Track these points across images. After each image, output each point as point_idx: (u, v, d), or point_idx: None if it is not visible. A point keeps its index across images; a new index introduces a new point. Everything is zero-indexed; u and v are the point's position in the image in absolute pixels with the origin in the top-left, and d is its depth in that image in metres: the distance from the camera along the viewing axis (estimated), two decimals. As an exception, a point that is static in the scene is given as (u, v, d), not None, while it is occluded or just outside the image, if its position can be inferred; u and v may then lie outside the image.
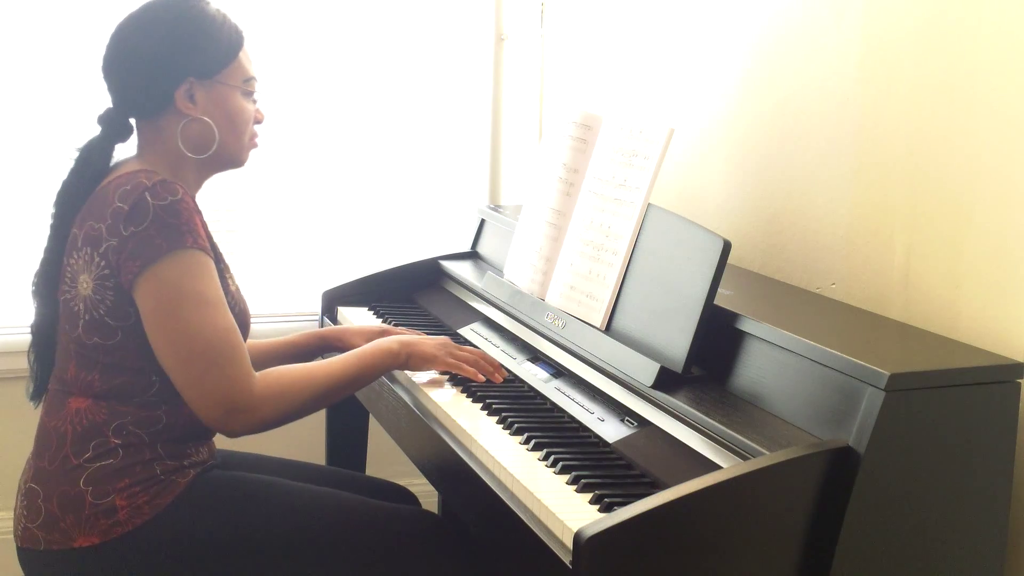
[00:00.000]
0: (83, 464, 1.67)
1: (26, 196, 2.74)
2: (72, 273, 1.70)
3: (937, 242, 1.82)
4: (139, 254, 1.63)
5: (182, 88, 1.76)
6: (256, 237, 2.97)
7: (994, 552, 1.56)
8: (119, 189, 1.66)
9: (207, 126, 1.78)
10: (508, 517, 1.53)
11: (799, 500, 1.42)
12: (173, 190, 1.65)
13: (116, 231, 1.64)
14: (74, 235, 1.71)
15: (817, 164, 2.08)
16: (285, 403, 1.70)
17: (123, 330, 1.68)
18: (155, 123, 1.78)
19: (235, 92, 1.80)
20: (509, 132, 3.13)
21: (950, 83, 1.79)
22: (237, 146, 1.83)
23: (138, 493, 1.66)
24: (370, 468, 2.55)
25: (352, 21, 2.98)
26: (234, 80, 1.80)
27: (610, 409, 1.77)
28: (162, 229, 1.62)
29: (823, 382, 1.53)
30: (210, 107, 1.78)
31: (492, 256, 2.52)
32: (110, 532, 1.65)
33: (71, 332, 1.71)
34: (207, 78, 1.77)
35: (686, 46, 2.44)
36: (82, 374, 1.70)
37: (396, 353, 1.87)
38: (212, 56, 1.77)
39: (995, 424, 1.53)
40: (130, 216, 1.63)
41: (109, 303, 1.67)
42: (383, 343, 1.87)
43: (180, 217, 1.64)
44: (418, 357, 1.89)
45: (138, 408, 1.69)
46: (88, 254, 1.67)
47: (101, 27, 2.66)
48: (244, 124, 1.82)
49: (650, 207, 1.88)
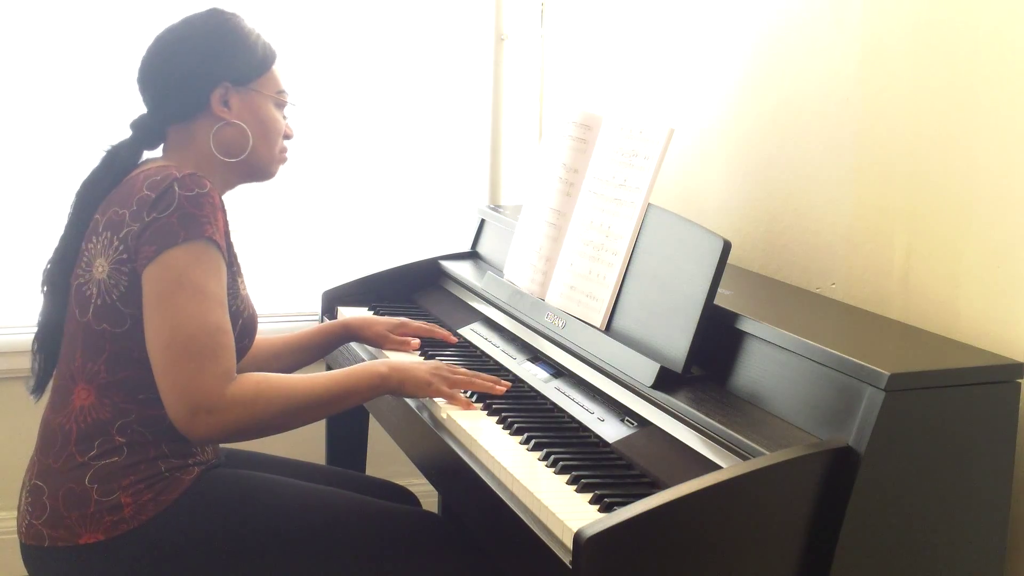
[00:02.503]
0: (88, 462, 1.67)
1: (30, 199, 2.75)
2: (89, 257, 1.71)
3: (937, 242, 1.82)
4: (156, 239, 1.63)
5: (218, 92, 1.79)
6: (256, 237, 2.97)
7: (994, 552, 1.56)
8: (148, 179, 1.68)
9: (241, 130, 1.81)
10: (508, 517, 1.53)
11: (799, 500, 1.42)
12: (202, 184, 1.66)
13: (139, 217, 1.65)
14: (96, 221, 1.72)
15: (817, 164, 2.08)
16: (256, 410, 1.63)
17: (132, 318, 1.67)
18: (187, 127, 1.80)
19: (268, 101, 1.84)
20: (509, 132, 3.13)
21: (950, 83, 1.79)
22: (268, 156, 1.86)
23: (143, 490, 1.67)
24: (370, 468, 2.55)
25: (352, 21, 2.98)
26: (268, 90, 1.85)
27: (610, 409, 1.77)
28: (183, 218, 1.63)
29: (823, 382, 1.53)
30: (244, 113, 1.81)
31: (492, 256, 2.52)
32: (115, 529, 1.65)
33: (80, 318, 1.71)
34: (242, 85, 1.81)
35: (686, 46, 2.44)
36: (88, 363, 1.70)
37: (386, 376, 1.78)
38: (248, 64, 1.82)
39: (995, 424, 1.53)
40: (155, 203, 1.64)
41: (123, 288, 1.67)
42: (372, 365, 1.79)
43: (203, 209, 1.65)
44: (411, 383, 1.81)
45: (143, 406, 1.69)
46: (108, 238, 1.68)
47: (115, 33, 2.68)
48: (276, 134, 1.86)
49: (650, 207, 1.88)
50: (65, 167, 2.72)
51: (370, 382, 1.77)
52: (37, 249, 2.63)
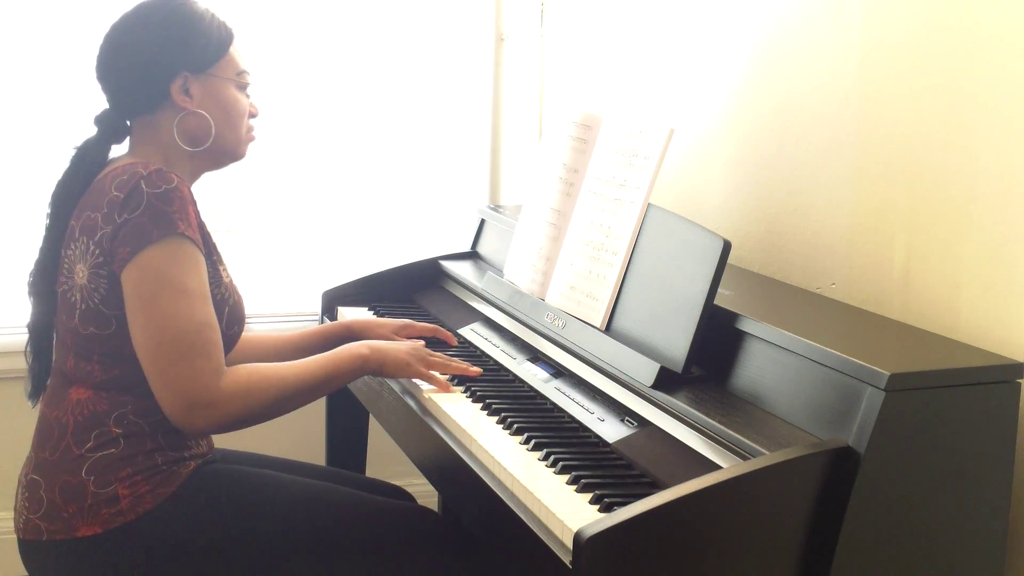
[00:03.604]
0: (85, 454, 1.68)
1: (23, 197, 2.74)
2: (69, 263, 1.71)
3: (937, 242, 1.82)
4: (130, 241, 1.64)
5: (177, 82, 1.78)
6: (256, 237, 2.97)
7: (994, 552, 1.56)
8: (116, 179, 1.68)
9: (203, 119, 1.80)
10: (508, 517, 1.53)
11: (799, 500, 1.42)
12: (168, 179, 1.66)
13: (111, 219, 1.65)
14: (72, 227, 1.73)
15: (817, 164, 2.08)
16: (251, 401, 1.68)
17: (116, 319, 1.68)
18: (150, 119, 1.80)
19: (229, 84, 1.83)
20: (509, 132, 3.13)
21: (950, 83, 1.79)
22: (234, 138, 1.85)
23: (140, 482, 1.67)
24: (370, 468, 2.55)
25: (352, 21, 2.98)
26: (227, 73, 1.83)
27: (610, 409, 1.77)
28: (154, 216, 1.64)
29: (823, 382, 1.53)
30: (205, 100, 1.80)
31: (492, 256, 2.52)
32: (112, 521, 1.65)
33: (68, 323, 1.71)
34: (201, 72, 1.80)
35: (686, 46, 2.44)
36: (81, 364, 1.71)
37: (367, 358, 1.84)
38: (204, 50, 1.80)
39: (995, 424, 1.52)
40: (124, 203, 1.65)
41: (103, 291, 1.67)
42: (354, 347, 1.85)
43: (173, 205, 1.65)
44: (391, 364, 1.87)
45: (138, 398, 1.70)
46: (84, 243, 1.68)
47: (94, 27, 2.66)
48: (239, 116, 1.85)
49: (650, 207, 1.88)
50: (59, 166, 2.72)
51: (352, 364, 1.83)
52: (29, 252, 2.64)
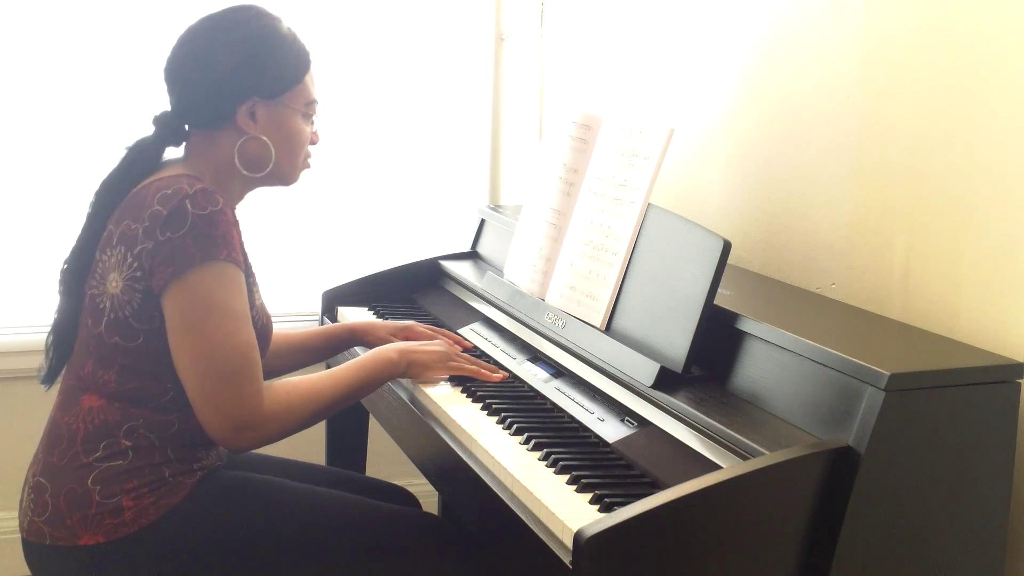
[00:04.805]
0: (92, 463, 1.67)
1: (38, 201, 2.74)
2: (103, 269, 1.69)
3: (937, 242, 1.82)
4: (172, 261, 1.62)
5: (245, 105, 1.75)
6: (256, 237, 2.96)
7: (994, 552, 1.56)
8: (160, 192, 1.65)
9: (265, 145, 1.78)
10: (508, 517, 1.53)
11: (799, 500, 1.42)
12: (214, 200, 1.64)
13: (152, 235, 1.63)
14: (109, 231, 1.70)
15: (817, 164, 2.08)
16: (291, 419, 1.72)
17: (145, 334, 1.67)
18: (210, 134, 1.77)
19: (296, 114, 1.81)
20: (509, 132, 3.13)
21: (950, 83, 1.79)
22: (290, 166, 1.84)
23: (145, 495, 1.66)
24: (370, 468, 2.54)
25: (352, 21, 2.98)
26: (297, 103, 1.81)
27: (610, 409, 1.77)
28: (198, 239, 1.62)
29: (823, 382, 1.53)
30: (270, 127, 1.78)
31: (492, 256, 2.52)
32: (115, 532, 1.65)
33: (93, 328, 1.70)
34: (271, 99, 1.77)
35: (686, 46, 2.44)
36: (99, 372, 1.70)
37: (396, 363, 1.89)
38: (280, 77, 1.78)
39: (995, 424, 1.53)
40: (168, 221, 1.62)
41: (136, 305, 1.66)
42: (382, 351, 1.89)
43: (218, 228, 1.63)
44: (418, 365, 1.92)
45: (151, 412, 1.69)
46: (121, 253, 1.66)
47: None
48: (300, 146, 1.84)
49: (650, 207, 1.88)
50: (73, 168, 2.72)
51: (384, 368, 1.88)
52: (45, 251, 2.64)
